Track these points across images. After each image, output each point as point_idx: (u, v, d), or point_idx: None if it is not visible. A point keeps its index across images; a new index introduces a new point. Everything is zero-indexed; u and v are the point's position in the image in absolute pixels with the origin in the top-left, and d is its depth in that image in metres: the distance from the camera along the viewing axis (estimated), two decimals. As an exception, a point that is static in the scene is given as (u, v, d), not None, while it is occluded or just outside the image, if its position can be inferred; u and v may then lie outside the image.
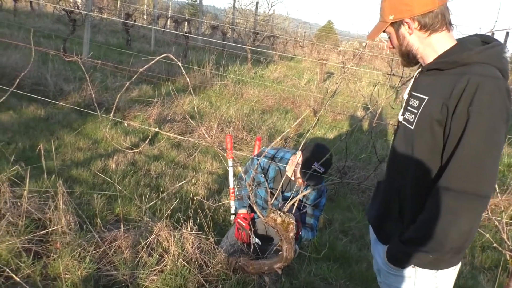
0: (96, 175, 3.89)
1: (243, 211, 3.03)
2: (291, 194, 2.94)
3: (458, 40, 1.57)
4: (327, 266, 3.21)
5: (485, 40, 1.52)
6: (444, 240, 1.41)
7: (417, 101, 1.57)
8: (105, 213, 3.31)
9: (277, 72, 11.57)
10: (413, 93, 1.63)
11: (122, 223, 2.90)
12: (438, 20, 1.50)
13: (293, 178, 2.90)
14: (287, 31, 24.72)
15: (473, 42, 1.52)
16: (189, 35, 11.20)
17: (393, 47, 1.66)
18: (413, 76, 1.71)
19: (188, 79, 2.49)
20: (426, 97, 1.52)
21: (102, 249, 2.75)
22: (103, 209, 3.32)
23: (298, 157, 2.82)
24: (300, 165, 2.76)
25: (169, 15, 19.05)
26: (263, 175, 2.97)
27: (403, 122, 1.64)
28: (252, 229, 2.96)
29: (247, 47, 11.55)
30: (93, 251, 2.72)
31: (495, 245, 2.19)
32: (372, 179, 4.47)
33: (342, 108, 8.53)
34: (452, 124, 1.40)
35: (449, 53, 1.51)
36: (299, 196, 2.35)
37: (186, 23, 17.69)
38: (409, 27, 1.54)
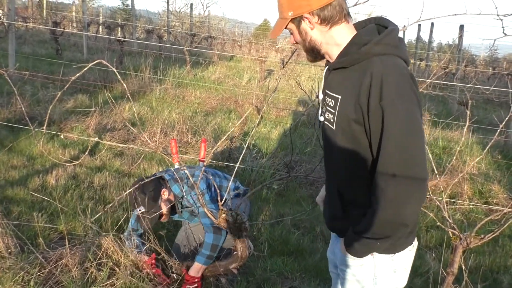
0: (35, 193, 3.67)
1: (144, 258, 2.78)
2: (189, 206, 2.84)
3: (356, 27, 1.56)
4: (282, 261, 3.24)
5: (382, 24, 1.53)
6: (393, 228, 1.44)
7: (333, 101, 1.55)
8: (47, 232, 3.13)
9: (217, 73, 11.52)
10: (328, 91, 1.60)
11: (67, 240, 2.76)
12: (337, 12, 1.48)
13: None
14: (224, 31, 24.69)
15: (369, 31, 1.51)
16: (124, 39, 10.86)
17: (297, 43, 1.61)
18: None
19: (125, 85, 2.41)
20: (340, 96, 1.51)
21: (47, 270, 2.60)
22: (45, 228, 3.14)
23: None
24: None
25: (101, 21, 18.38)
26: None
27: (325, 122, 1.62)
28: (160, 270, 2.77)
29: (185, 49, 11.40)
30: (38, 273, 2.56)
31: (438, 223, 2.31)
32: (318, 171, 4.56)
33: (284, 104, 8.64)
34: (370, 121, 1.41)
35: (348, 50, 1.49)
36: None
37: (119, 28, 17.16)
38: (309, 22, 1.51)
